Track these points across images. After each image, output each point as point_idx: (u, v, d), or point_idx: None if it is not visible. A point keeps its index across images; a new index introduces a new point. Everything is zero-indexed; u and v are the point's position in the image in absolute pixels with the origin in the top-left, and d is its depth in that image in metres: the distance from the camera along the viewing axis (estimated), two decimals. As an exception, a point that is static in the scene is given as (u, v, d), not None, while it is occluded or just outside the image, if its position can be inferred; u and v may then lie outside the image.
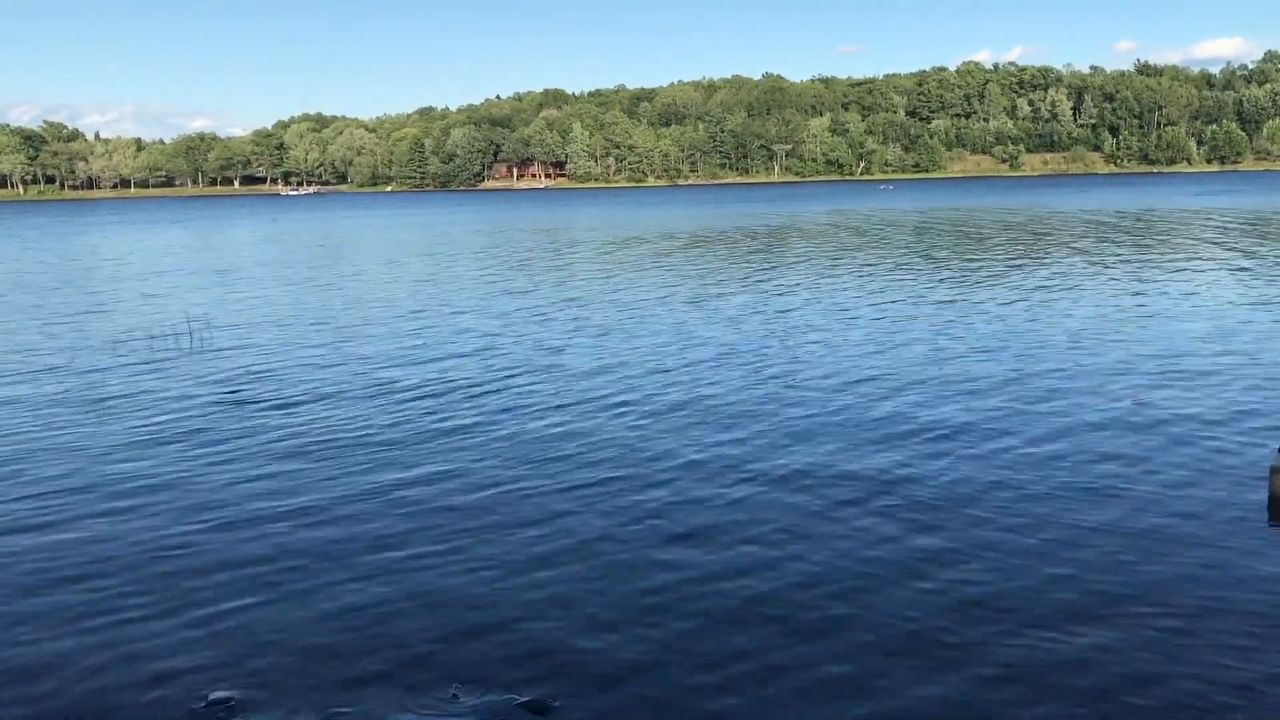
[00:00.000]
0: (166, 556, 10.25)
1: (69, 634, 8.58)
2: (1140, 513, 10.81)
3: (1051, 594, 8.90)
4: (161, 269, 47.18)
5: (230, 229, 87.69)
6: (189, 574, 9.79)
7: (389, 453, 13.80)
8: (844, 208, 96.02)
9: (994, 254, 42.72)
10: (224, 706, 7.38)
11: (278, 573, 9.78)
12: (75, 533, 10.98)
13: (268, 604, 9.10)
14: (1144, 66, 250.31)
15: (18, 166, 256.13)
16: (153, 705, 7.45)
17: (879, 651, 7.98)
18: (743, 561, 9.78)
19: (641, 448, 13.72)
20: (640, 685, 7.57)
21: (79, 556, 10.29)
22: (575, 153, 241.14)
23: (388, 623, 8.67)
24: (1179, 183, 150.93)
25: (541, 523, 10.96)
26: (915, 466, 12.59)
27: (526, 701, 7.34)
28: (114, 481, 12.75)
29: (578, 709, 7.28)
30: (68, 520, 11.37)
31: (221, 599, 9.22)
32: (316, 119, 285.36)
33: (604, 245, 55.11)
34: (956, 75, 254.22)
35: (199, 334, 24.81)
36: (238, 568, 9.92)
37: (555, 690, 7.50)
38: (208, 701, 7.44)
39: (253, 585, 9.51)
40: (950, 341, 21.30)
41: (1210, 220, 62.19)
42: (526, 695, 7.42)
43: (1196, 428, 13.99)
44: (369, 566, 9.88)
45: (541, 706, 7.30)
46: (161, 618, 8.85)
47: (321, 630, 8.56)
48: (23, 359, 22.18)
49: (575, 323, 25.47)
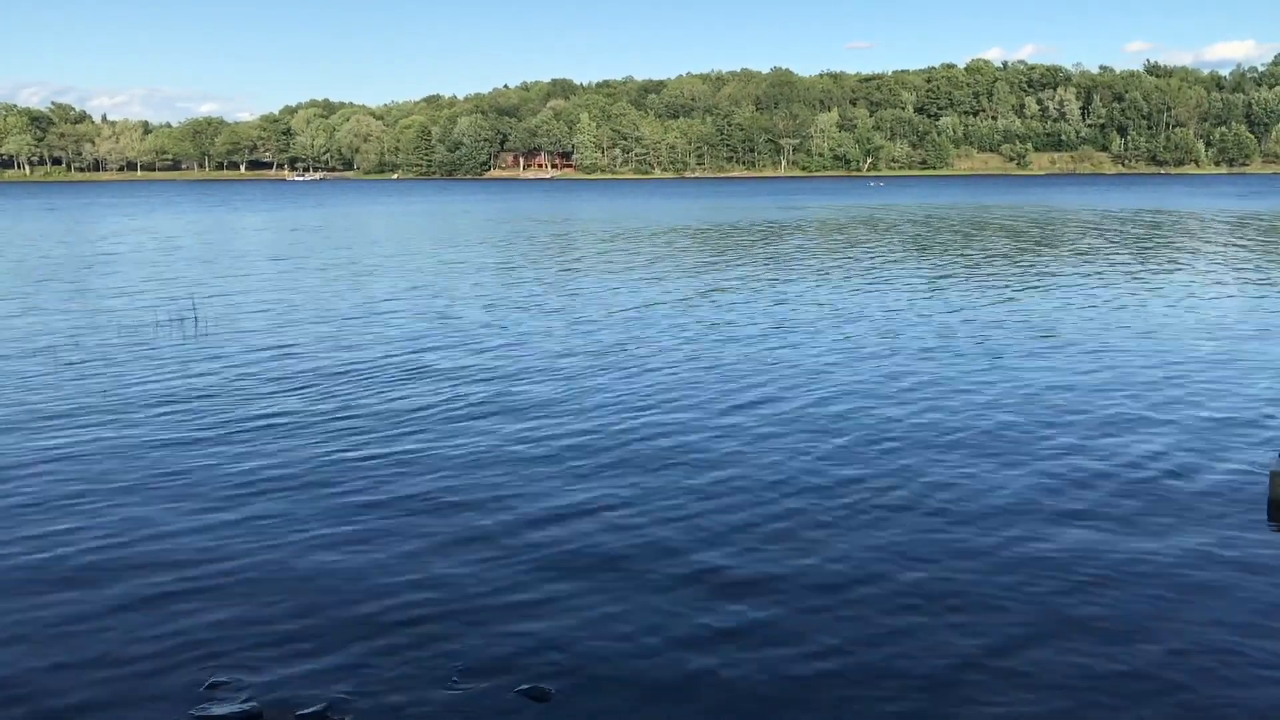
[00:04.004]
0: (167, 536, 10.32)
1: (74, 617, 8.66)
2: (1141, 515, 10.87)
3: (1047, 600, 8.96)
4: (202, 254, 47.23)
5: (257, 215, 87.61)
6: (189, 554, 9.86)
7: (399, 435, 13.87)
8: (849, 204, 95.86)
9: (1023, 254, 42.71)
10: (226, 688, 7.45)
11: (279, 555, 9.84)
12: (80, 511, 11.05)
13: (268, 586, 9.17)
14: (1153, 67, 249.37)
15: (25, 147, 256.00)
16: (156, 685, 7.51)
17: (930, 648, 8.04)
18: (749, 554, 9.84)
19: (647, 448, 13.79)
20: (637, 674, 7.63)
21: (83, 537, 10.36)
22: (582, 143, 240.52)
23: (389, 607, 8.73)
24: (1192, 184, 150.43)
25: (551, 513, 11.02)
26: (930, 474, 12.64)
27: (526, 689, 7.40)
28: (115, 463, 12.83)
29: (576, 697, 7.33)
30: (67, 498, 11.45)
31: (222, 579, 9.29)
32: (324, 105, 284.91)
33: (648, 240, 55.04)
34: (965, 73, 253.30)
35: (203, 319, 24.87)
36: (237, 548, 9.99)
37: (553, 678, 7.56)
38: (209, 684, 7.51)
39: (253, 566, 9.58)
40: (963, 341, 21.35)
41: (1227, 223, 62.07)
42: (525, 683, 7.47)
43: (1199, 431, 14.03)
44: (369, 550, 9.94)
45: (540, 693, 7.35)
46: (164, 598, 8.92)
47: (322, 613, 8.62)
48: (27, 339, 22.25)
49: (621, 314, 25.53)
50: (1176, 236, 51.19)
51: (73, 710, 7.22)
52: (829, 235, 54.67)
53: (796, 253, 43.62)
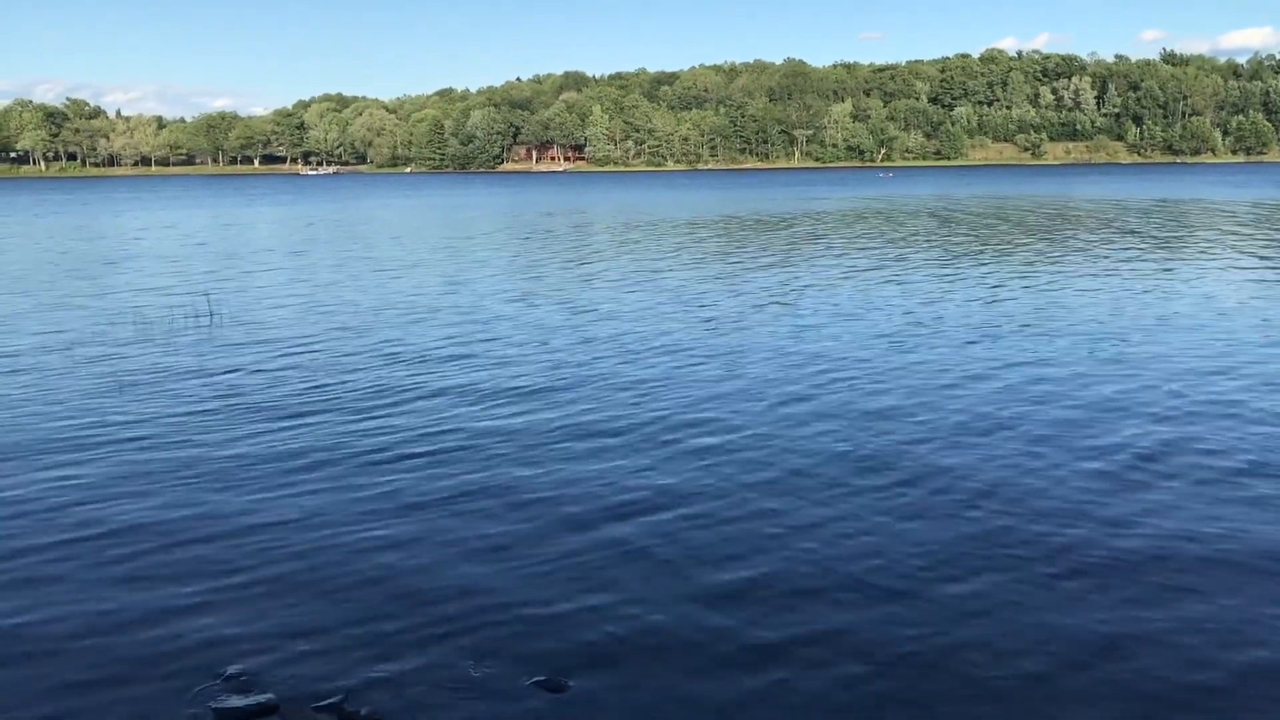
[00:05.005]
0: (188, 525, 10.35)
1: (93, 599, 8.69)
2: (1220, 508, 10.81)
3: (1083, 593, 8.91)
4: (232, 248, 47.40)
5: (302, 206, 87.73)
6: (210, 542, 9.89)
7: (419, 426, 13.88)
8: (867, 194, 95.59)
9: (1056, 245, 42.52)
10: (243, 679, 7.46)
11: (298, 545, 9.86)
12: (98, 501, 11.10)
13: (288, 575, 9.19)
14: (1169, 55, 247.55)
15: (40, 143, 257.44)
16: (173, 675, 7.53)
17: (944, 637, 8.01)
18: (759, 545, 9.81)
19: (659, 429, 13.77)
20: (654, 665, 7.61)
21: (102, 525, 10.40)
22: (594, 136, 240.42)
23: (408, 597, 8.74)
24: (1214, 173, 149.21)
25: (579, 506, 11.01)
26: (947, 456, 12.59)
27: (542, 680, 7.39)
28: (132, 451, 12.87)
29: (592, 688, 7.32)
30: (88, 489, 11.49)
31: (244, 570, 9.32)
32: (337, 99, 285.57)
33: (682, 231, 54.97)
34: (980, 62, 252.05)
35: (218, 312, 24.95)
36: (260, 539, 10.01)
37: (570, 669, 7.55)
38: (227, 675, 7.52)
39: (274, 557, 9.60)
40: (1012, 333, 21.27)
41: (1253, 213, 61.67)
42: (542, 674, 7.47)
43: (1239, 421, 13.94)
44: (385, 541, 9.95)
45: (557, 684, 7.35)
46: (183, 587, 8.94)
47: (340, 604, 8.63)
48: (45, 334, 22.36)
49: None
50: (1238, 228, 50.81)
51: (89, 696, 7.24)
52: (856, 226, 54.50)
53: (849, 243, 43.51)
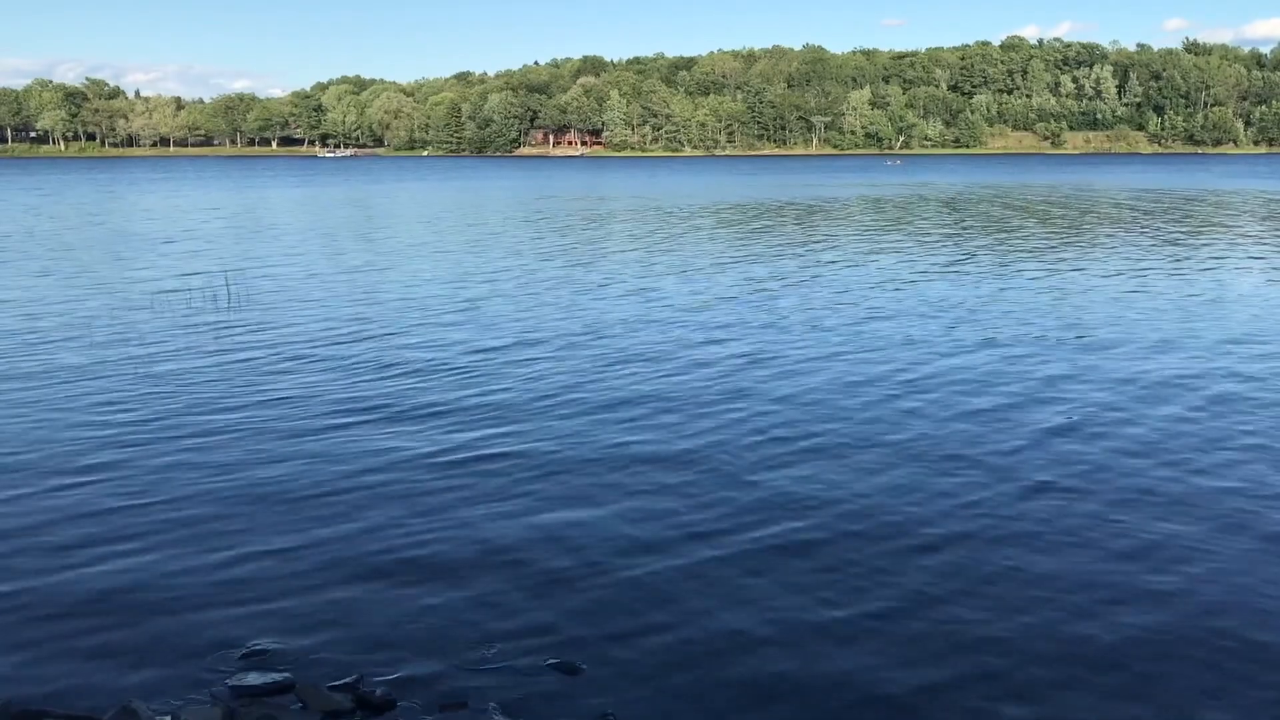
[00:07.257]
0: (200, 503, 10.41)
1: (110, 572, 8.77)
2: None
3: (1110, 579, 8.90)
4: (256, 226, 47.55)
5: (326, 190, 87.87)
6: (227, 518, 9.96)
7: (441, 408, 13.92)
8: (878, 181, 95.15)
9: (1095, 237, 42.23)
10: (259, 657, 7.52)
11: (313, 526, 9.90)
12: (120, 481, 11.18)
13: (303, 555, 9.24)
14: (1192, 45, 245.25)
15: (59, 123, 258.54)
16: (191, 653, 7.59)
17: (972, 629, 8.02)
18: (776, 535, 9.83)
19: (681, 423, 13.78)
20: (668, 650, 7.63)
21: (125, 500, 10.48)
22: (612, 121, 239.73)
23: (427, 580, 8.78)
24: (1239, 164, 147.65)
25: (592, 490, 11.04)
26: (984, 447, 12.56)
27: (556, 663, 7.43)
28: (154, 430, 12.95)
29: (605, 671, 7.35)
30: (111, 466, 11.58)
31: (256, 549, 9.37)
32: (355, 82, 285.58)
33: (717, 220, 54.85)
34: (1000, 50, 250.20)
35: (237, 293, 25.05)
36: (281, 516, 10.07)
37: (583, 652, 7.58)
38: (244, 653, 7.58)
39: (287, 535, 9.65)
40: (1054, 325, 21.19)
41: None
42: (556, 657, 7.50)
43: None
44: (399, 521, 9.99)
45: (571, 668, 7.38)
46: (199, 565, 9.01)
47: (355, 583, 8.69)
48: (64, 314, 22.50)
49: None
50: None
51: (106, 670, 7.30)
52: (879, 214, 54.25)
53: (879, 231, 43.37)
